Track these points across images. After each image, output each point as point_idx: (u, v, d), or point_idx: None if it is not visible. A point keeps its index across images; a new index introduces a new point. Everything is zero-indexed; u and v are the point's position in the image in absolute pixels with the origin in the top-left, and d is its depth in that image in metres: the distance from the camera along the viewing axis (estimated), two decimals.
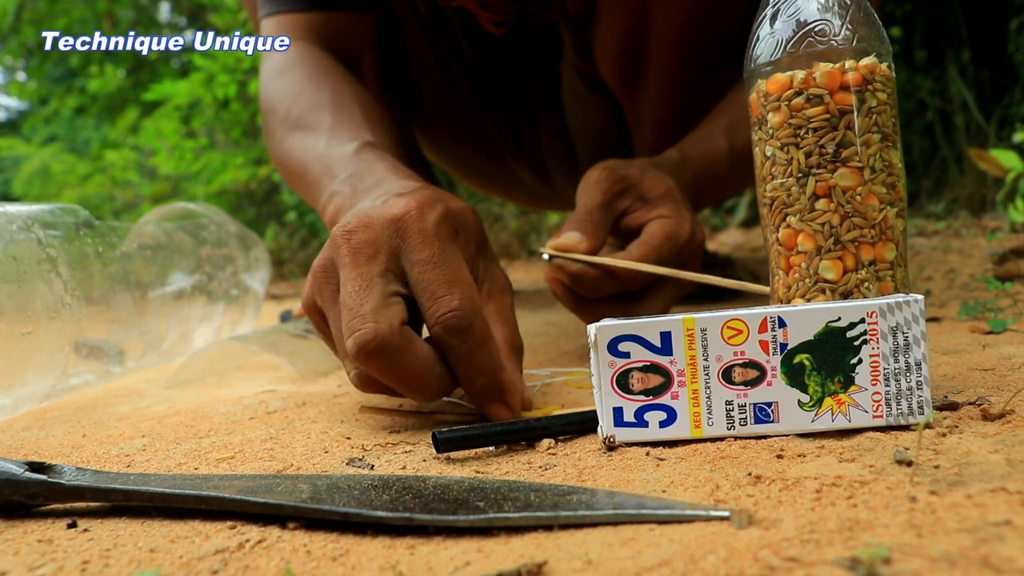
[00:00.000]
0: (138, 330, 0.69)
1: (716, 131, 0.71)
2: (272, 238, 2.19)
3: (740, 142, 0.70)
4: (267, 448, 0.44)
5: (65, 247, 0.61)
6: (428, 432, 0.45)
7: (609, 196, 0.60)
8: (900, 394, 0.36)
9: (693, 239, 0.60)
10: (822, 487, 0.30)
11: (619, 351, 0.37)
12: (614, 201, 0.61)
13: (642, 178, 0.62)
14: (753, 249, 1.55)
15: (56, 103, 3.38)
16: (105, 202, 2.69)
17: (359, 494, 0.32)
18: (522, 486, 0.32)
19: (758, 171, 0.45)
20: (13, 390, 0.55)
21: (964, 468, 0.31)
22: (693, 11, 0.73)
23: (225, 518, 0.33)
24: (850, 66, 0.41)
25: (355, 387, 0.46)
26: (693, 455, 0.36)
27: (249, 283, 0.90)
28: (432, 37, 0.94)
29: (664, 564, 0.25)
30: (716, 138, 0.70)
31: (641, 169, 0.62)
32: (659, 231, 0.59)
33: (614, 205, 0.61)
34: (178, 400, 0.62)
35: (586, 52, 0.86)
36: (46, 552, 0.30)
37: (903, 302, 0.36)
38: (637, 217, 0.61)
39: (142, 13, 3.51)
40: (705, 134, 0.71)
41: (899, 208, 0.43)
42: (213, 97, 2.06)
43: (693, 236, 0.60)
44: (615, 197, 0.61)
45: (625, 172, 0.61)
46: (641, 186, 0.61)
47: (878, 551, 0.24)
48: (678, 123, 0.77)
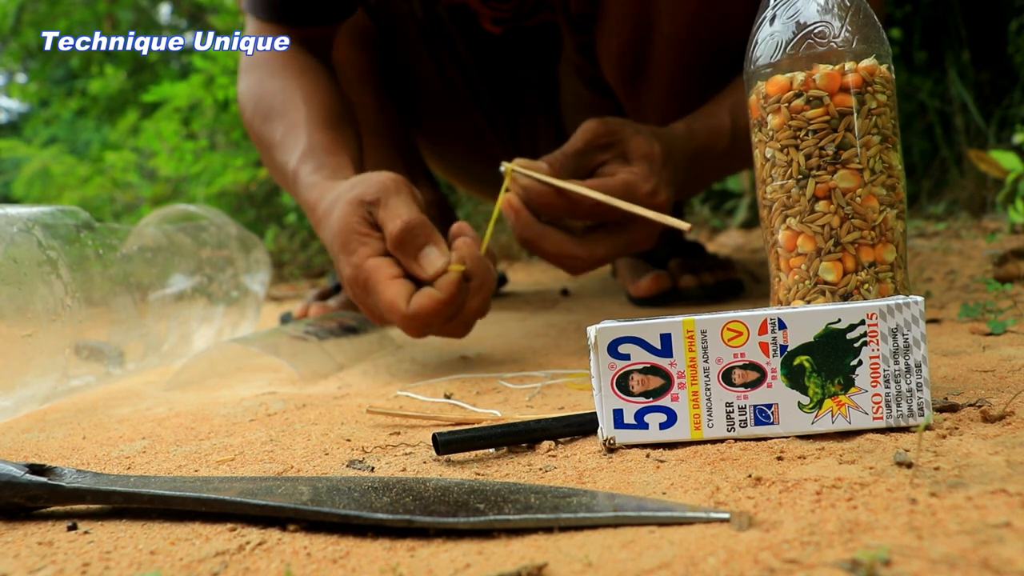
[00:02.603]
0: (138, 332, 0.69)
1: (721, 109, 0.73)
2: (272, 240, 2.19)
3: (743, 120, 0.71)
4: (267, 450, 0.44)
5: (65, 249, 0.61)
6: (428, 434, 0.45)
7: (589, 146, 0.64)
8: (900, 396, 0.36)
9: (651, 197, 0.63)
10: (822, 489, 0.30)
11: (619, 353, 0.37)
12: (594, 152, 0.65)
13: (631, 137, 0.64)
14: (753, 251, 1.55)
15: (57, 105, 3.39)
16: (105, 204, 2.69)
17: (359, 496, 0.32)
18: (522, 488, 0.32)
19: (758, 173, 0.45)
20: (13, 392, 0.55)
21: (964, 470, 0.31)
22: (697, 9, 0.74)
23: (225, 520, 0.33)
24: (850, 68, 0.41)
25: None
26: (693, 457, 0.36)
27: (249, 285, 0.90)
28: (430, 43, 0.95)
29: (664, 566, 0.25)
30: (721, 115, 0.73)
31: (635, 130, 0.65)
32: (619, 179, 0.62)
33: (592, 155, 0.65)
34: (178, 402, 0.62)
35: (588, 53, 0.86)
36: (46, 554, 0.30)
37: (903, 304, 0.36)
38: (611, 170, 0.64)
39: (142, 15, 3.52)
40: (710, 111, 0.74)
41: (899, 210, 0.43)
42: (213, 99, 2.06)
43: (652, 194, 0.63)
44: (596, 148, 0.65)
45: (618, 127, 0.65)
46: (626, 143, 0.64)
47: (878, 553, 0.24)
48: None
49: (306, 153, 0.73)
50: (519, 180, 0.62)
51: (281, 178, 0.78)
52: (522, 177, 0.62)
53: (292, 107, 0.77)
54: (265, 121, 0.79)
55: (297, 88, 0.79)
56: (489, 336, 0.86)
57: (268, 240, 2.17)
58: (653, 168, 0.63)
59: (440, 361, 0.73)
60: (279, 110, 0.78)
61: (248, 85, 0.83)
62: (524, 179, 0.62)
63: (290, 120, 0.76)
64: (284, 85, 0.79)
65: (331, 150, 0.73)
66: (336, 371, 0.72)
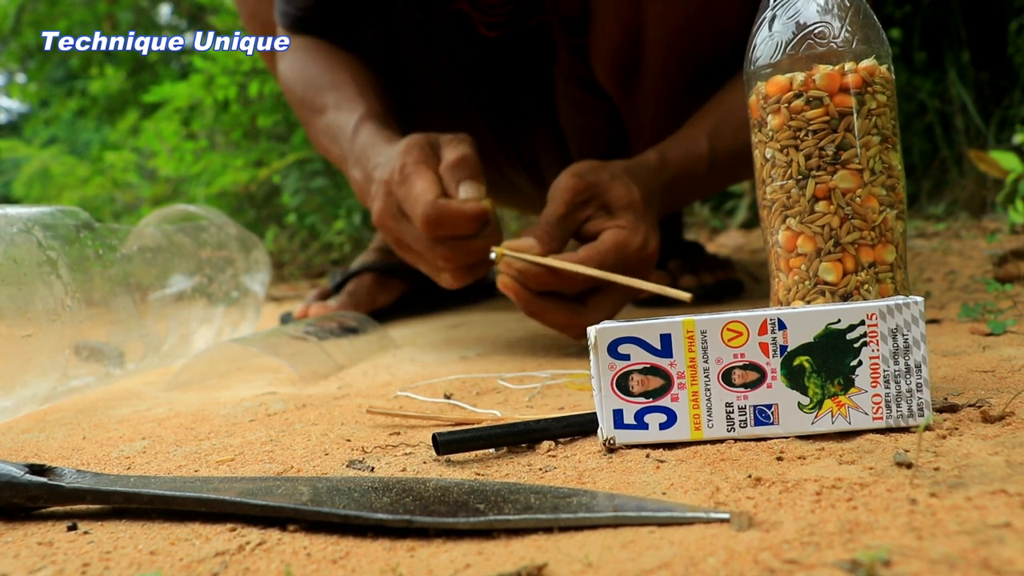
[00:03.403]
0: (138, 332, 0.69)
1: (699, 133, 0.73)
2: (272, 240, 2.19)
3: (722, 145, 0.71)
4: (267, 450, 0.44)
5: (65, 249, 0.61)
6: (428, 434, 0.45)
7: (571, 207, 0.65)
8: (900, 396, 0.36)
9: (643, 250, 0.64)
10: (822, 489, 0.30)
11: (619, 353, 0.37)
12: (576, 211, 0.66)
13: (610, 186, 0.65)
14: (753, 251, 1.55)
15: (57, 105, 3.38)
16: (105, 204, 2.69)
17: (359, 496, 0.32)
18: (522, 488, 0.32)
19: (758, 173, 0.45)
20: (13, 392, 0.55)
21: (964, 470, 0.31)
22: (689, 12, 0.74)
23: (225, 520, 0.33)
24: (850, 68, 0.41)
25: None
26: (693, 457, 0.36)
27: (249, 285, 0.90)
28: (428, 44, 0.95)
29: (664, 566, 0.25)
30: (698, 140, 0.72)
31: (612, 176, 0.65)
32: (609, 239, 0.63)
33: (576, 215, 0.66)
34: (178, 402, 0.62)
35: (581, 55, 0.86)
36: (46, 555, 0.30)
37: (903, 304, 0.36)
38: (596, 225, 0.65)
39: (142, 15, 3.51)
40: (688, 136, 0.73)
41: (899, 210, 0.43)
42: (213, 99, 2.06)
43: (643, 247, 0.64)
44: (578, 207, 0.66)
45: (594, 179, 0.65)
46: (607, 195, 0.65)
47: (878, 553, 0.24)
48: (675, 124, 0.78)
49: (367, 115, 0.78)
50: (512, 264, 0.63)
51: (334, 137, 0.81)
52: (515, 261, 0.63)
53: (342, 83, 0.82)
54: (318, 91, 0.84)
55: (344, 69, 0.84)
56: (489, 336, 0.86)
57: (268, 240, 2.17)
58: (638, 216, 0.64)
59: (440, 361, 0.73)
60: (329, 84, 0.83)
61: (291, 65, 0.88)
62: (518, 262, 0.63)
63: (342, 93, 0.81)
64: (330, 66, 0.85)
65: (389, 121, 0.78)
66: (336, 371, 0.72)
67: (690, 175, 0.72)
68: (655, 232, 0.66)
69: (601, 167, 0.66)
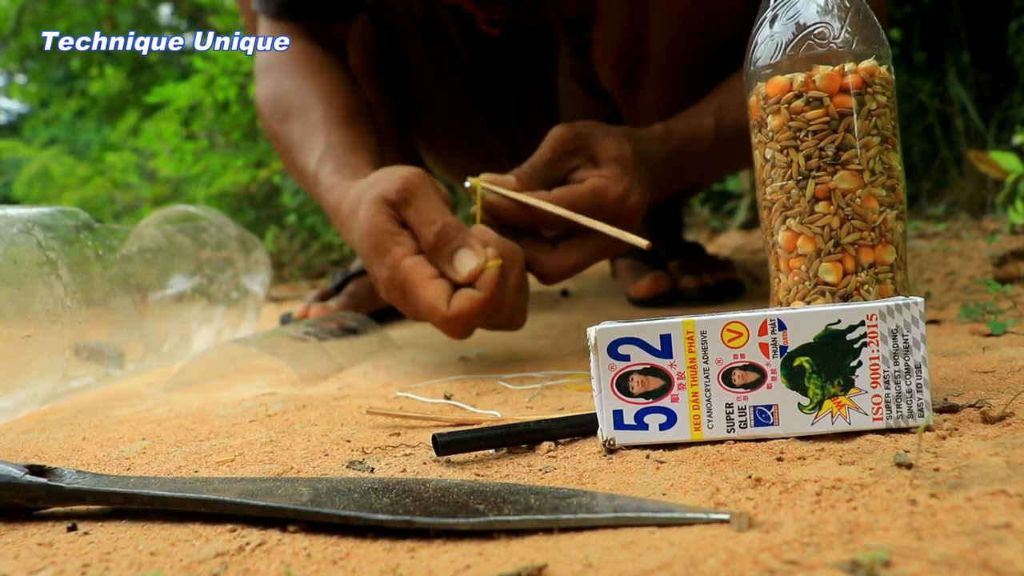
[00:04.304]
0: (138, 333, 0.69)
1: (705, 110, 0.73)
2: (272, 241, 2.19)
3: (728, 121, 0.71)
4: (267, 451, 0.44)
5: (65, 250, 0.61)
6: (428, 435, 0.45)
7: (557, 154, 0.64)
8: (900, 397, 0.36)
9: (622, 201, 0.63)
10: (822, 490, 0.30)
11: (619, 354, 0.37)
12: (564, 159, 0.65)
13: (601, 140, 0.64)
14: (753, 251, 1.55)
15: (57, 106, 3.38)
16: (105, 204, 2.69)
17: (359, 497, 0.32)
18: (522, 489, 0.32)
19: (758, 174, 0.45)
20: (13, 393, 0.55)
21: (964, 471, 0.31)
22: (690, 13, 0.74)
23: (225, 521, 0.33)
24: (850, 69, 0.41)
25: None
26: (693, 458, 0.36)
27: (249, 286, 0.90)
28: (430, 43, 0.94)
29: (664, 567, 0.25)
30: (704, 116, 0.72)
31: (605, 132, 0.65)
32: (587, 185, 0.63)
33: (563, 163, 0.65)
34: (178, 403, 0.62)
35: (583, 56, 0.86)
36: (46, 555, 0.30)
37: (903, 305, 0.36)
38: (582, 175, 0.64)
39: (142, 16, 3.52)
40: (694, 112, 0.73)
41: (899, 210, 0.43)
42: (213, 100, 2.06)
43: (623, 198, 0.63)
44: (565, 155, 0.65)
45: (586, 131, 0.65)
46: (595, 147, 0.64)
47: (878, 554, 0.24)
48: None
49: (325, 154, 0.73)
50: (486, 196, 0.63)
51: (302, 181, 0.78)
52: (488, 193, 0.63)
53: (310, 107, 0.77)
54: (283, 123, 0.79)
55: (314, 87, 0.79)
56: (489, 337, 0.86)
57: (268, 241, 2.17)
58: (625, 170, 0.63)
59: (440, 362, 0.73)
60: (297, 110, 0.78)
61: (266, 88, 0.83)
62: (491, 195, 0.62)
63: (308, 120, 0.76)
64: (301, 84, 0.79)
65: (349, 148, 0.73)
66: (336, 372, 0.72)
67: (695, 147, 0.72)
68: (641, 188, 0.65)
69: (598, 124, 0.66)
